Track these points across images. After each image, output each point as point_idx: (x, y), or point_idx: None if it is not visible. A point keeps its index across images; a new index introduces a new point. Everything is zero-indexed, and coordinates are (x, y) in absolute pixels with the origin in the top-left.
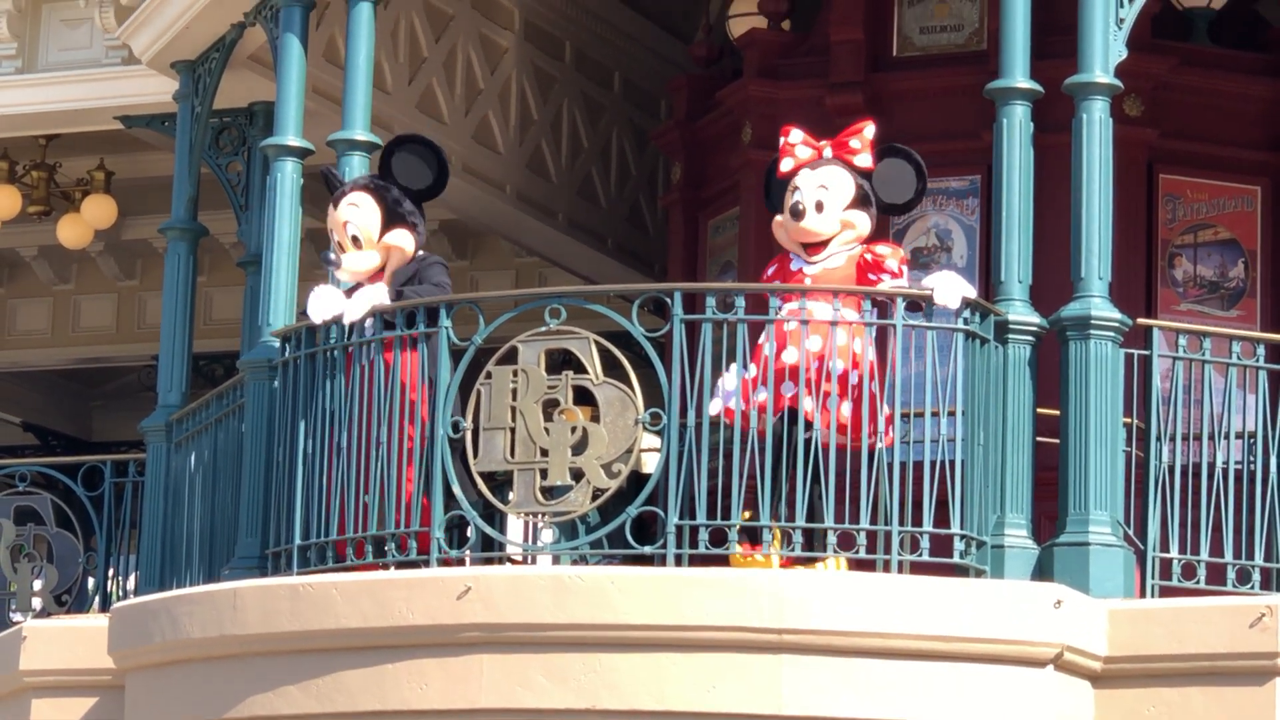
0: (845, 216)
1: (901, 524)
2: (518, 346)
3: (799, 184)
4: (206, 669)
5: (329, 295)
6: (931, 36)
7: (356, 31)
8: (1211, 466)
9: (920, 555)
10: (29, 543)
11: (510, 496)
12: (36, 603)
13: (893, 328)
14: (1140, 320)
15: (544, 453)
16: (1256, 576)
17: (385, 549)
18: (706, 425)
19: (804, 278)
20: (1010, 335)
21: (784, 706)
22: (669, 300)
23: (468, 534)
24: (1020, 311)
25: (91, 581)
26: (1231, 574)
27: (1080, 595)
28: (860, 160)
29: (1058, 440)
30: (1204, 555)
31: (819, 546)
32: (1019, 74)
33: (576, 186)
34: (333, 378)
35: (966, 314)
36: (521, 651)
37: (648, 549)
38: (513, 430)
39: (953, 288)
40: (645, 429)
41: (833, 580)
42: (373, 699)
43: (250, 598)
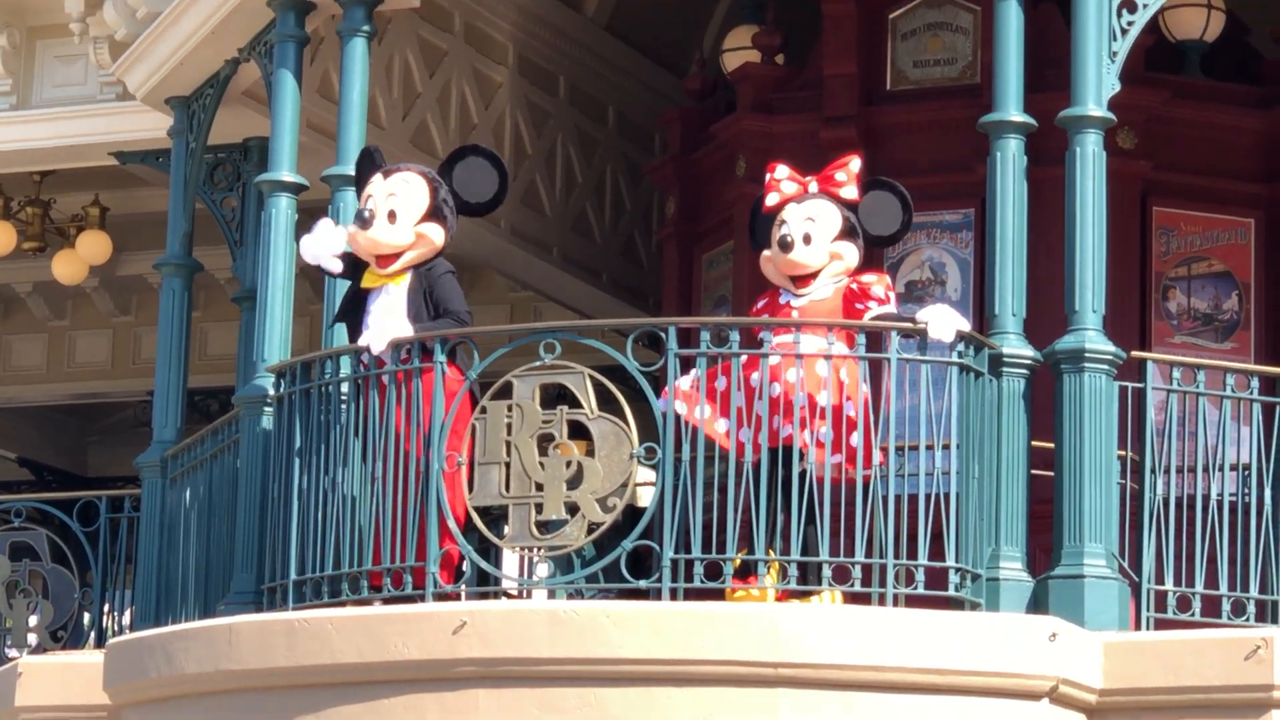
0: (833, 248)
1: (897, 557)
2: (512, 381)
3: (786, 217)
4: (202, 705)
5: (327, 232)
6: (925, 70)
7: (350, 67)
8: (1206, 499)
9: (915, 588)
10: (24, 578)
11: (505, 531)
12: (32, 638)
13: (887, 361)
14: (1134, 353)
15: (539, 487)
16: (1252, 609)
17: (380, 584)
18: (701, 459)
19: (792, 310)
20: (1004, 368)
21: None
22: (664, 335)
23: (463, 568)
24: (1014, 345)
25: (87, 617)
26: (1227, 606)
27: (1075, 628)
28: (846, 193)
29: (1052, 473)
30: (1199, 588)
31: (814, 580)
32: (1012, 107)
33: (571, 221)
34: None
35: (961, 347)
36: (517, 686)
37: (643, 583)
38: (508, 465)
39: (947, 321)
40: (640, 463)
41: (828, 613)
42: None
43: (246, 633)
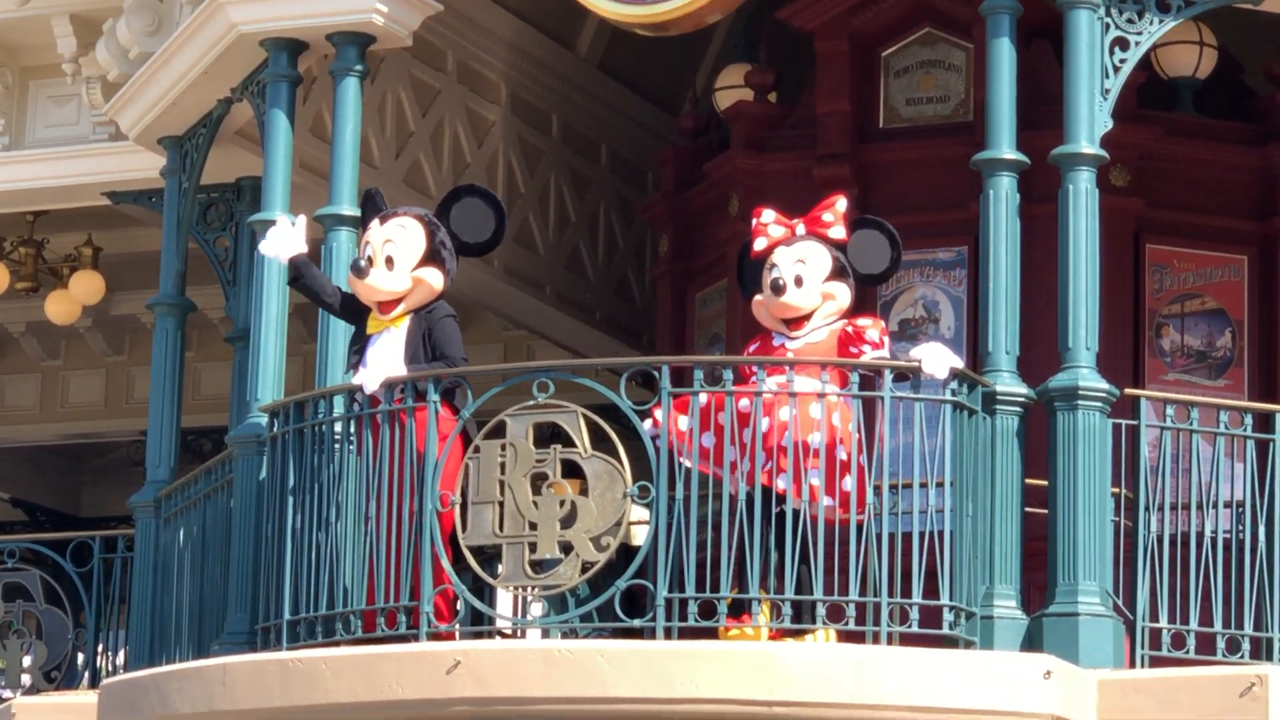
0: (825, 289)
1: (890, 595)
2: (506, 420)
3: (776, 261)
4: None
5: (284, 233)
6: (918, 108)
7: (343, 106)
8: (1200, 536)
9: (909, 626)
10: (18, 619)
11: (499, 570)
12: (26, 679)
13: (881, 399)
14: (1128, 390)
15: (533, 526)
16: (1246, 646)
17: (375, 623)
18: (695, 498)
19: (787, 353)
20: (998, 406)
21: None
22: (657, 373)
23: (457, 608)
24: (1008, 382)
25: (81, 657)
26: (1221, 643)
27: (1070, 666)
28: (834, 233)
29: (1046, 511)
30: (1193, 625)
31: (808, 618)
32: (1005, 145)
33: (564, 259)
34: (322, 452)
35: (954, 385)
36: None
37: (637, 622)
38: (501, 504)
39: (940, 358)
40: (634, 502)
41: (823, 652)
42: None
43: (240, 673)
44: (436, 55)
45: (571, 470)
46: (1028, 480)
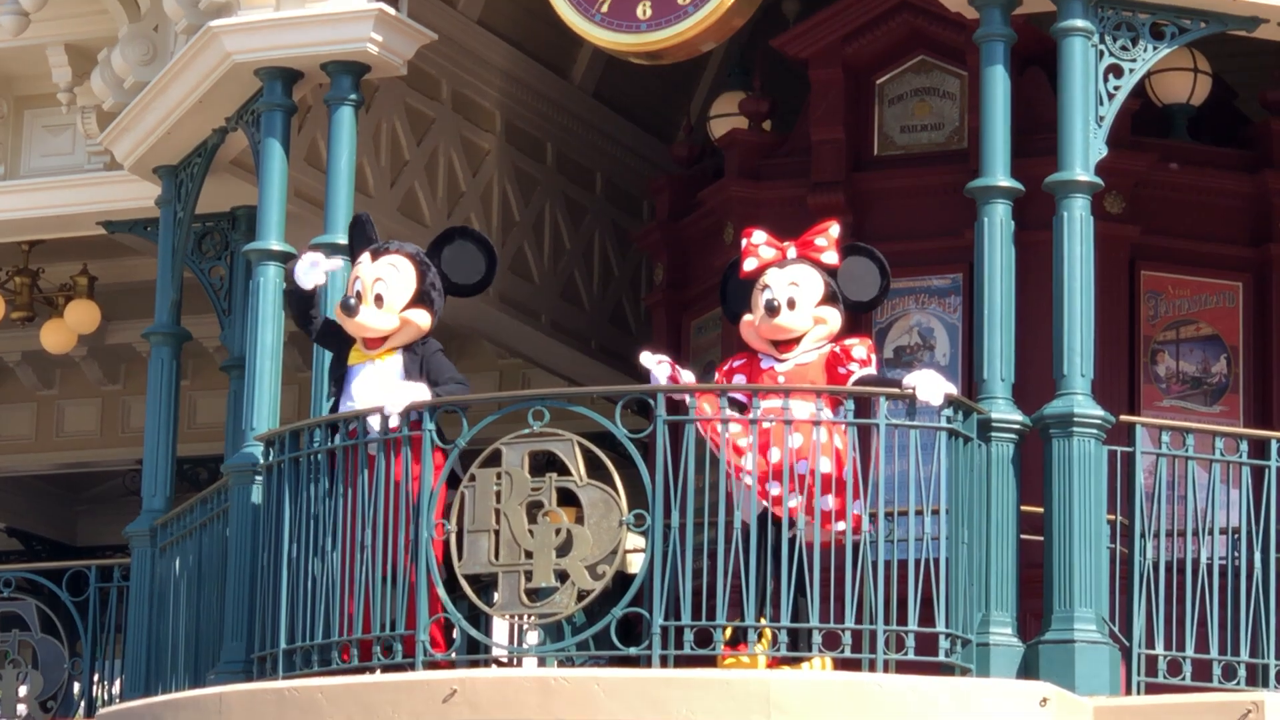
0: (817, 313)
1: (887, 623)
2: (501, 449)
3: (769, 282)
4: None
5: (316, 263)
6: (912, 135)
7: (338, 135)
8: (1196, 562)
9: (906, 654)
10: (14, 648)
11: (495, 598)
12: (22, 709)
13: (875, 426)
14: (1123, 417)
15: (528, 555)
16: (1242, 672)
17: (371, 652)
18: (691, 526)
19: (776, 375)
20: (993, 433)
21: None
22: (652, 401)
23: (453, 636)
24: (1003, 409)
25: (77, 687)
26: (1217, 670)
27: (1066, 693)
28: (826, 258)
29: (1042, 537)
30: (1189, 651)
31: (804, 646)
32: (1000, 172)
33: (559, 288)
34: (317, 481)
35: (949, 412)
36: None
37: (633, 650)
38: (497, 533)
39: (935, 385)
40: (630, 530)
41: (819, 680)
42: None
43: (236, 702)
44: (431, 84)
45: (567, 498)
46: (1023, 507)
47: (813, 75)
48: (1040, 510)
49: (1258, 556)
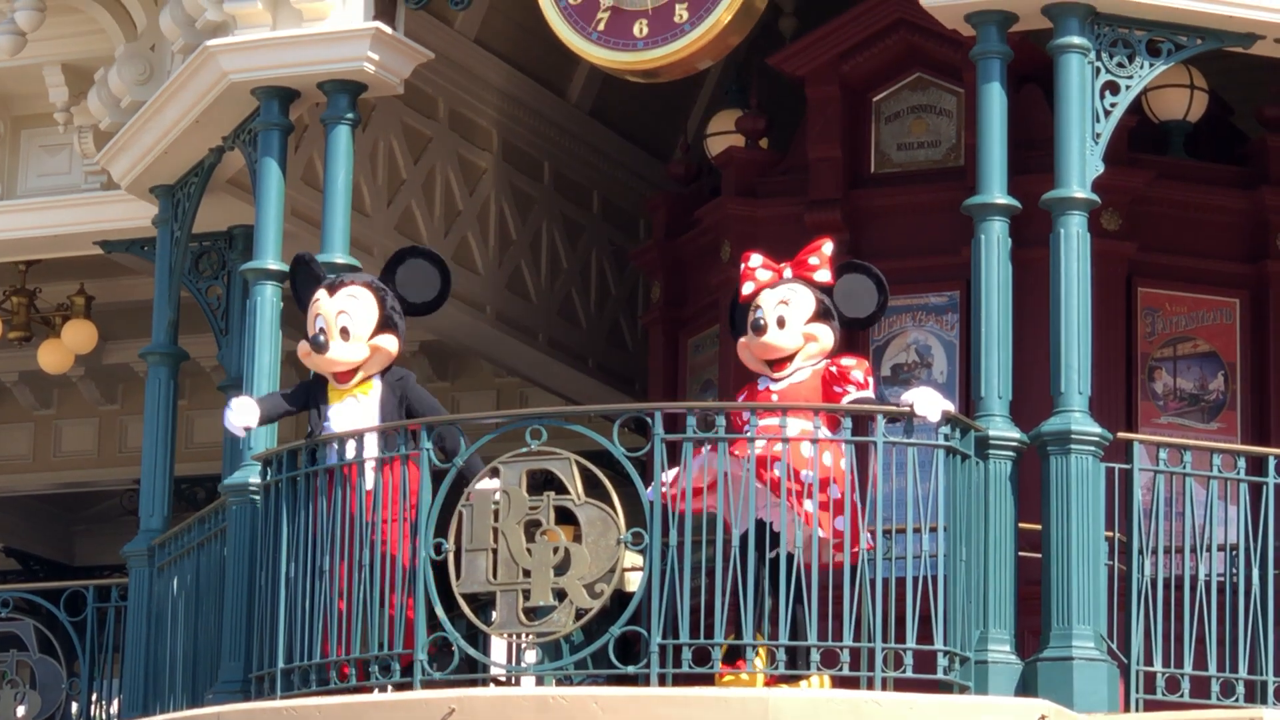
0: (807, 330)
1: (885, 640)
2: (499, 468)
3: (760, 303)
4: None
5: (246, 405)
6: (909, 153)
7: (335, 154)
8: (1194, 579)
9: (904, 672)
10: (12, 669)
11: (493, 617)
12: None
13: (873, 444)
14: (1121, 434)
15: (526, 573)
16: (1241, 689)
17: (369, 671)
18: (689, 543)
19: (771, 395)
20: (991, 451)
21: None
22: (650, 420)
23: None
24: (1001, 427)
25: (75, 707)
26: (1216, 687)
27: (1064, 710)
28: (820, 276)
29: (1040, 555)
30: (1188, 668)
31: (802, 664)
32: (996, 190)
33: (556, 306)
34: (312, 502)
35: (947, 430)
36: None
37: (631, 669)
38: (495, 551)
39: (932, 402)
40: (627, 548)
41: (817, 698)
42: None
43: None
44: (428, 103)
45: (565, 517)
46: (1021, 524)
47: (809, 93)
48: (1038, 527)
49: (1256, 573)
